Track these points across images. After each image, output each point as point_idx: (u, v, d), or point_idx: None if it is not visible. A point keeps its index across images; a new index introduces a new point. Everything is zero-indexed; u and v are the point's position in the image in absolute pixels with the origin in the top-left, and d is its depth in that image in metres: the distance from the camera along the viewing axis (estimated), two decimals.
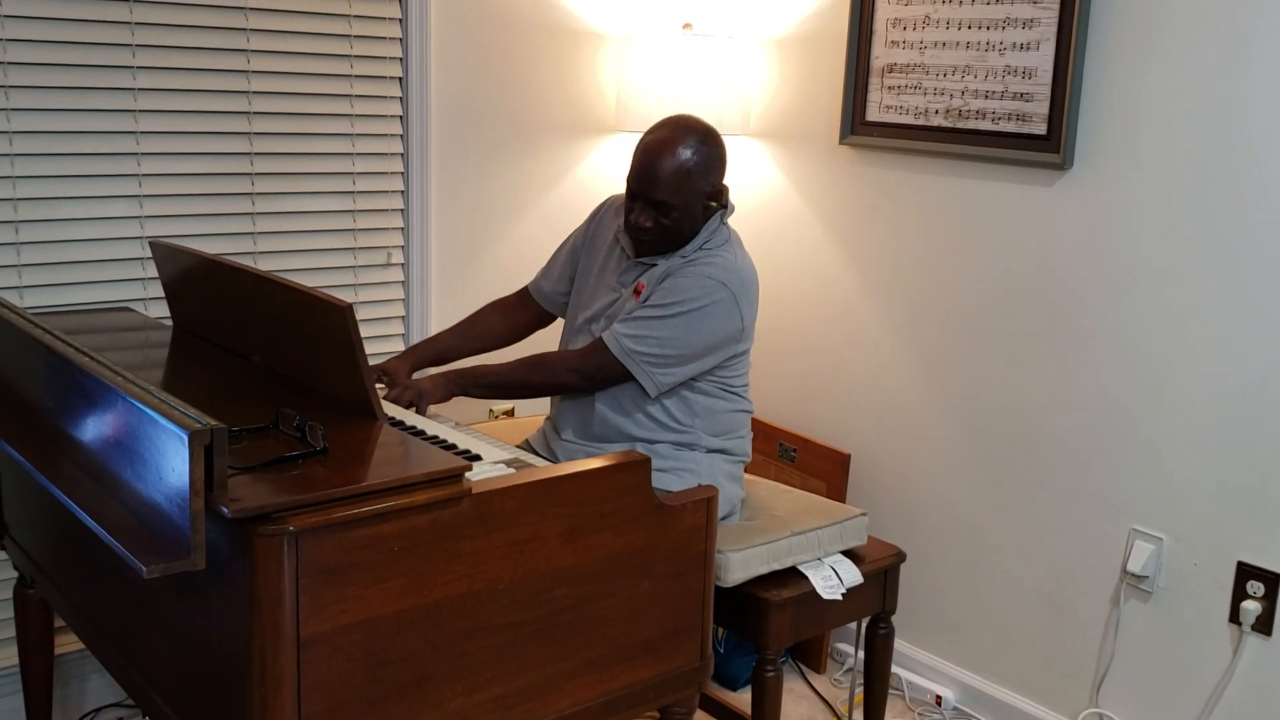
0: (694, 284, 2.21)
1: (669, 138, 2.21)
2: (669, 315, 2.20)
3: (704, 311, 2.20)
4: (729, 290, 2.21)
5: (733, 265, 2.24)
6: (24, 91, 2.44)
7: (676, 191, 2.19)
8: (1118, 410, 2.54)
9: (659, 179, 2.19)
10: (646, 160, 2.21)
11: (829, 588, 2.31)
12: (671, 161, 2.19)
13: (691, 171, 2.19)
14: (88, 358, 1.69)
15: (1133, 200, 2.48)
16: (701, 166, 2.21)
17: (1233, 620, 2.40)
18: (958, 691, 2.92)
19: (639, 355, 2.21)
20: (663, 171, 2.19)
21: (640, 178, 2.22)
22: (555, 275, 2.54)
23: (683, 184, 2.19)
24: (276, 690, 1.52)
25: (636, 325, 2.21)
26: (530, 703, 1.79)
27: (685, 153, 2.19)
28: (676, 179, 2.19)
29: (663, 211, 2.21)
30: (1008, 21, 2.61)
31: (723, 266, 2.23)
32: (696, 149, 2.21)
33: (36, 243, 2.50)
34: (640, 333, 2.21)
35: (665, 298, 2.21)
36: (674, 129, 2.23)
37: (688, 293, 2.20)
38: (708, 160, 2.22)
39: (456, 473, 1.64)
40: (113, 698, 2.73)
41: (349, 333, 1.77)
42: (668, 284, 2.23)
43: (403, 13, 2.86)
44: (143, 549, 1.42)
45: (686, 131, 2.22)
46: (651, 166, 2.20)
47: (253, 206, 2.75)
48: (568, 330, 2.47)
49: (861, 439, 3.06)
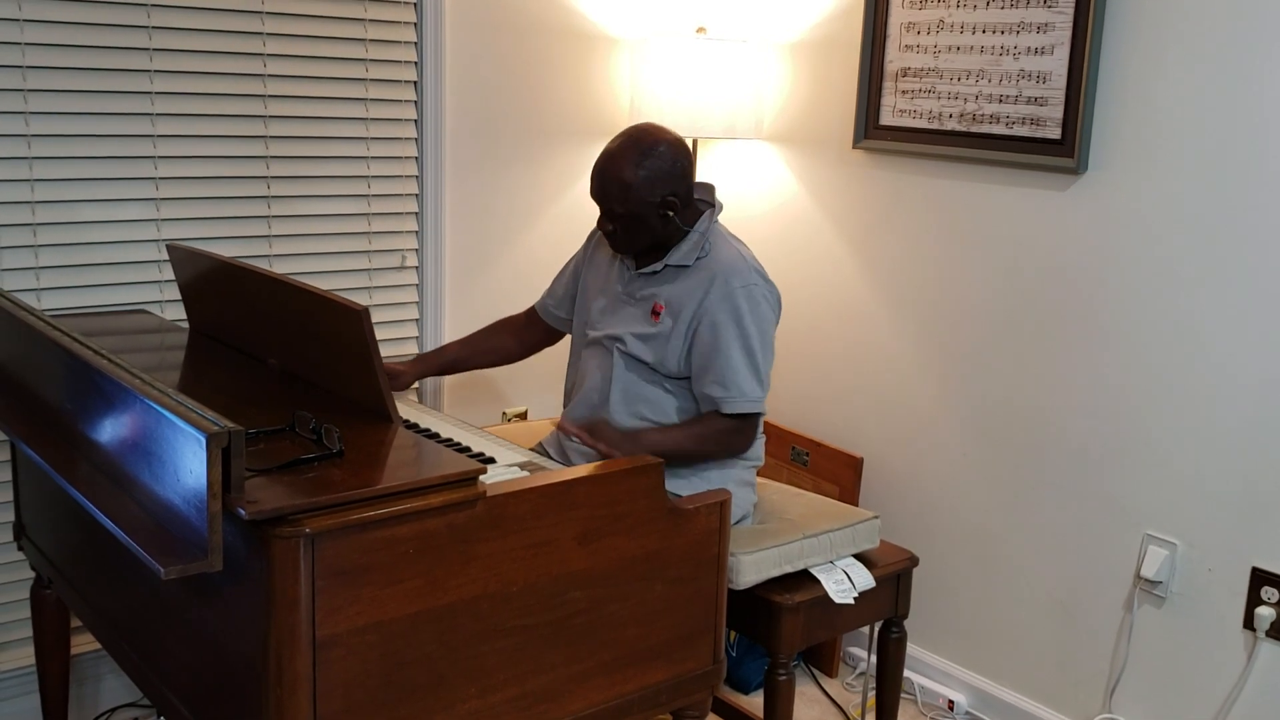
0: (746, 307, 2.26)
1: (616, 151, 2.26)
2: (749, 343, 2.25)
3: (762, 317, 2.28)
4: (770, 284, 2.32)
5: (747, 268, 2.30)
6: (42, 95, 2.45)
7: (623, 203, 2.25)
8: (1131, 415, 2.54)
9: (606, 191, 2.26)
10: (596, 171, 2.29)
11: (841, 591, 2.31)
12: (615, 176, 2.24)
13: (632, 186, 2.23)
14: (105, 360, 1.70)
15: (1147, 204, 2.47)
16: (646, 181, 2.24)
17: (1247, 626, 2.39)
18: (970, 696, 2.91)
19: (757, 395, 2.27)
20: (608, 185, 2.25)
21: (592, 188, 2.30)
22: (560, 295, 2.58)
23: (627, 196, 2.24)
24: (292, 691, 1.52)
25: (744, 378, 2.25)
26: (544, 705, 1.79)
27: (628, 169, 2.23)
28: (621, 192, 2.24)
29: (615, 219, 2.28)
30: (1022, 26, 2.61)
31: (744, 274, 2.28)
32: (640, 163, 2.23)
33: (54, 245, 2.52)
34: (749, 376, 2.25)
35: (745, 336, 2.25)
36: (624, 141, 2.28)
37: (749, 316, 2.26)
38: (653, 175, 2.24)
39: (471, 476, 1.64)
40: (128, 697, 2.74)
41: (365, 336, 1.78)
42: (719, 318, 2.25)
43: (417, 17, 2.87)
44: (160, 550, 1.43)
45: (634, 147, 2.26)
46: (599, 178, 2.27)
47: (268, 210, 2.76)
48: (575, 346, 2.50)
49: (874, 443, 3.06)
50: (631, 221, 2.27)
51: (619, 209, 2.25)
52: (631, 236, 2.30)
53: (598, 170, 2.28)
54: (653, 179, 2.24)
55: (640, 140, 2.26)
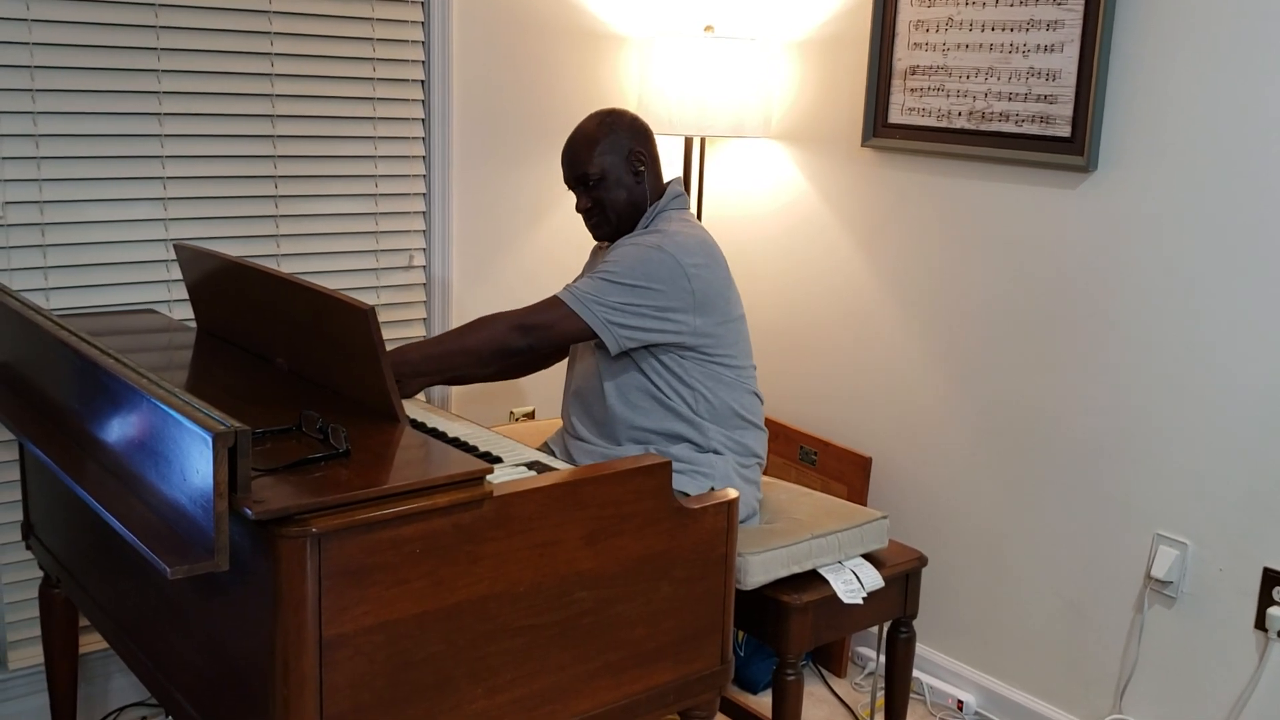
0: (629, 251, 2.28)
1: (579, 125, 2.39)
2: (613, 275, 2.25)
3: (645, 271, 2.24)
4: (665, 252, 2.25)
5: (670, 232, 2.30)
6: (50, 95, 2.45)
7: (593, 160, 2.33)
8: (1141, 414, 2.52)
9: (576, 156, 2.35)
10: (565, 149, 2.38)
11: (850, 591, 2.30)
12: (581, 138, 2.36)
13: (598, 139, 2.34)
14: (113, 359, 1.71)
15: (1157, 203, 2.46)
16: (608, 131, 2.35)
17: (1258, 626, 2.38)
18: (979, 696, 2.90)
19: (594, 304, 2.23)
20: (577, 148, 2.36)
21: (564, 165, 2.38)
22: None
23: (594, 151, 2.33)
24: (299, 691, 1.52)
25: (588, 282, 2.27)
26: (550, 705, 1.79)
27: (590, 126, 2.36)
28: (589, 148, 2.34)
29: (593, 186, 2.35)
30: (1031, 23, 2.59)
31: (656, 236, 2.29)
32: (601, 120, 2.36)
33: (62, 245, 2.52)
34: (592, 290, 2.25)
35: (609, 264, 2.28)
36: (585, 118, 2.40)
37: (626, 257, 2.27)
38: (614, 127, 2.36)
39: (477, 475, 1.64)
40: (136, 697, 2.75)
41: (371, 335, 1.78)
42: (610, 253, 2.32)
43: (425, 16, 2.87)
44: (167, 550, 1.43)
45: (594, 115, 2.39)
46: (568, 150, 2.37)
47: (276, 209, 2.76)
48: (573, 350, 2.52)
49: (882, 442, 3.05)
50: (605, 184, 2.33)
51: (591, 170, 2.33)
52: (610, 203, 2.35)
53: (566, 147, 2.39)
54: (617, 131, 2.36)
55: (600, 110, 2.41)
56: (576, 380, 2.43)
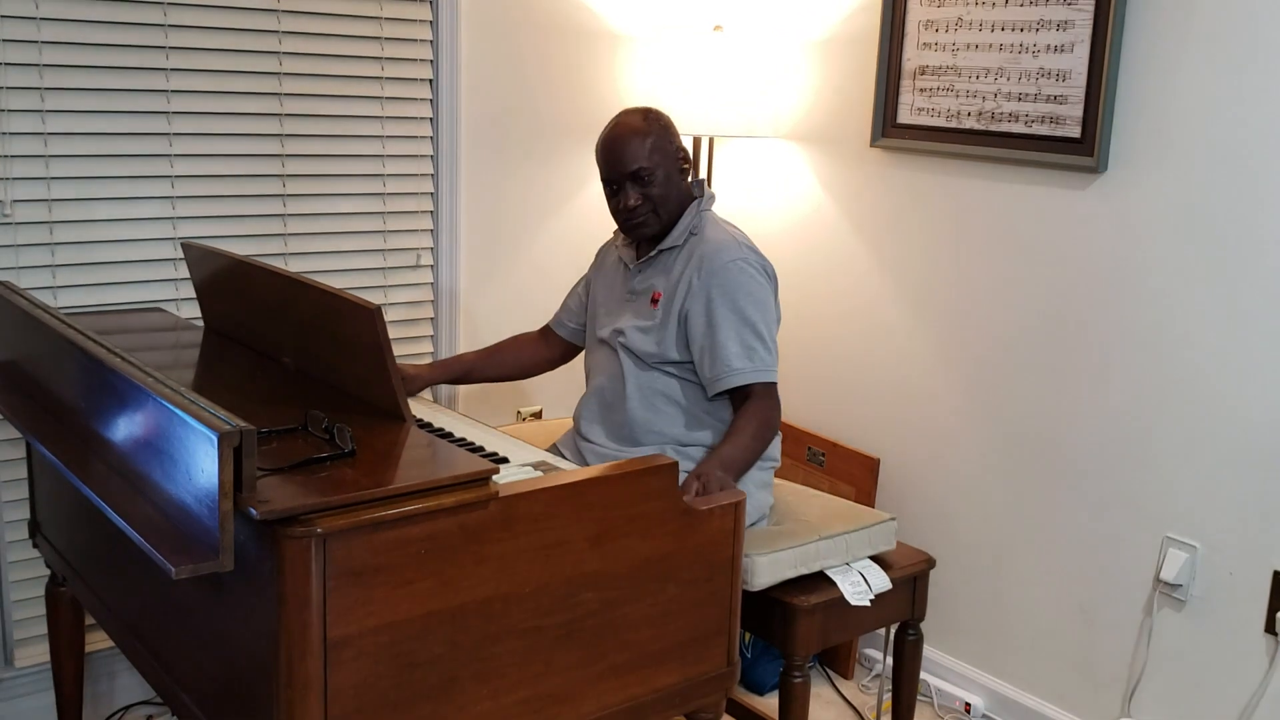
0: (747, 285, 2.27)
1: (621, 121, 2.34)
2: (760, 323, 2.26)
3: (769, 305, 2.31)
4: (767, 276, 2.33)
5: (743, 244, 2.34)
6: (59, 93, 2.46)
7: (648, 155, 2.29)
8: (1151, 416, 2.51)
9: (628, 151, 2.29)
10: (609, 145, 2.32)
11: (857, 594, 2.29)
12: (632, 133, 2.31)
13: (648, 133, 2.31)
14: (119, 358, 1.70)
15: (1167, 204, 2.45)
16: (659, 128, 2.33)
17: (1268, 630, 2.37)
18: (987, 699, 2.89)
19: (775, 362, 2.28)
20: (630, 144, 2.30)
21: (611, 161, 2.32)
22: (574, 309, 2.60)
23: (647, 146, 2.30)
24: (303, 692, 1.52)
25: (760, 346, 2.25)
26: (556, 707, 1.79)
27: (636, 121, 2.32)
28: (640, 143, 2.30)
29: (645, 182, 2.30)
30: (1041, 23, 2.58)
31: (748, 253, 2.31)
32: (646, 115, 2.34)
33: (70, 243, 2.52)
34: (766, 353, 2.26)
35: (753, 318, 2.26)
36: (622, 115, 2.36)
37: (754, 300, 2.27)
38: (662, 123, 2.34)
39: (484, 476, 1.64)
40: (142, 695, 2.75)
41: (377, 335, 1.78)
42: (712, 295, 2.26)
43: (433, 15, 2.87)
44: (172, 549, 1.43)
45: (633, 112, 2.36)
46: (617, 144, 2.31)
47: (284, 208, 2.76)
48: (589, 348, 2.51)
49: (891, 443, 3.04)
50: (657, 180, 2.30)
51: (644, 164, 2.29)
52: (660, 199, 2.31)
53: (608, 141, 2.32)
54: (665, 128, 2.34)
55: (637, 108, 2.38)
56: (597, 378, 2.42)
